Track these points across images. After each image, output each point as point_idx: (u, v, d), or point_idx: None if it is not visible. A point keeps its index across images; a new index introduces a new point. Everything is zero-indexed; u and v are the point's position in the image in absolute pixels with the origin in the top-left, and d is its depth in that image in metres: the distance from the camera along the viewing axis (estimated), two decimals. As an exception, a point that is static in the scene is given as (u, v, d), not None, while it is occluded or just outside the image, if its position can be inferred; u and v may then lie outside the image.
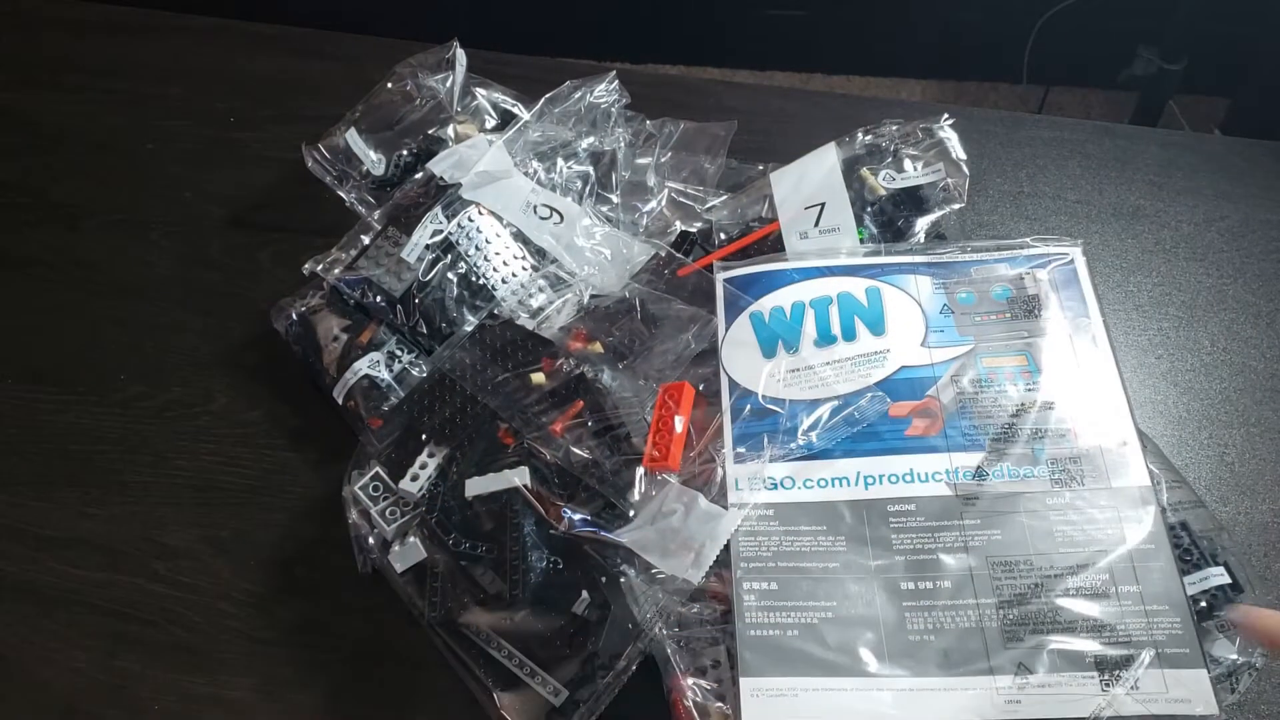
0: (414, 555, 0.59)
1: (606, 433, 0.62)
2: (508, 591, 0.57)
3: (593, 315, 0.69)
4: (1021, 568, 0.54)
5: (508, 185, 0.76)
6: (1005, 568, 0.55)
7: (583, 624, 0.56)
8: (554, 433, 0.61)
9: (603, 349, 0.67)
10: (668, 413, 0.62)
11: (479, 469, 0.61)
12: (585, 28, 1.87)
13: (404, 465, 0.62)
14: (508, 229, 0.74)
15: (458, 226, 0.72)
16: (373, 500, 0.61)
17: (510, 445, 0.61)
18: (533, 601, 0.57)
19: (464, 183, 0.75)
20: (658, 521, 0.57)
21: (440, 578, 0.58)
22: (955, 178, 0.74)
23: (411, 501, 0.61)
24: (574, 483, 0.59)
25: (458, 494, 0.60)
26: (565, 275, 0.72)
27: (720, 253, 0.73)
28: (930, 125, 0.77)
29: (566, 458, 0.60)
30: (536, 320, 0.69)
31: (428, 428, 0.63)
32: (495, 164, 0.77)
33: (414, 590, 0.59)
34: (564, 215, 0.75)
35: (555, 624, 0.56)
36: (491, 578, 0.58)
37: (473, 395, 0.63)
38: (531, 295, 0.70)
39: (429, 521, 0.60)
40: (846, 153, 0.77)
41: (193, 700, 0.60)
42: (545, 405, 0.63)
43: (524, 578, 0.57)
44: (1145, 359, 0.75)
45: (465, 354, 0.66)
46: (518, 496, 0.59)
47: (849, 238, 0.71)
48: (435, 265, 0.71)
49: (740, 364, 0.65)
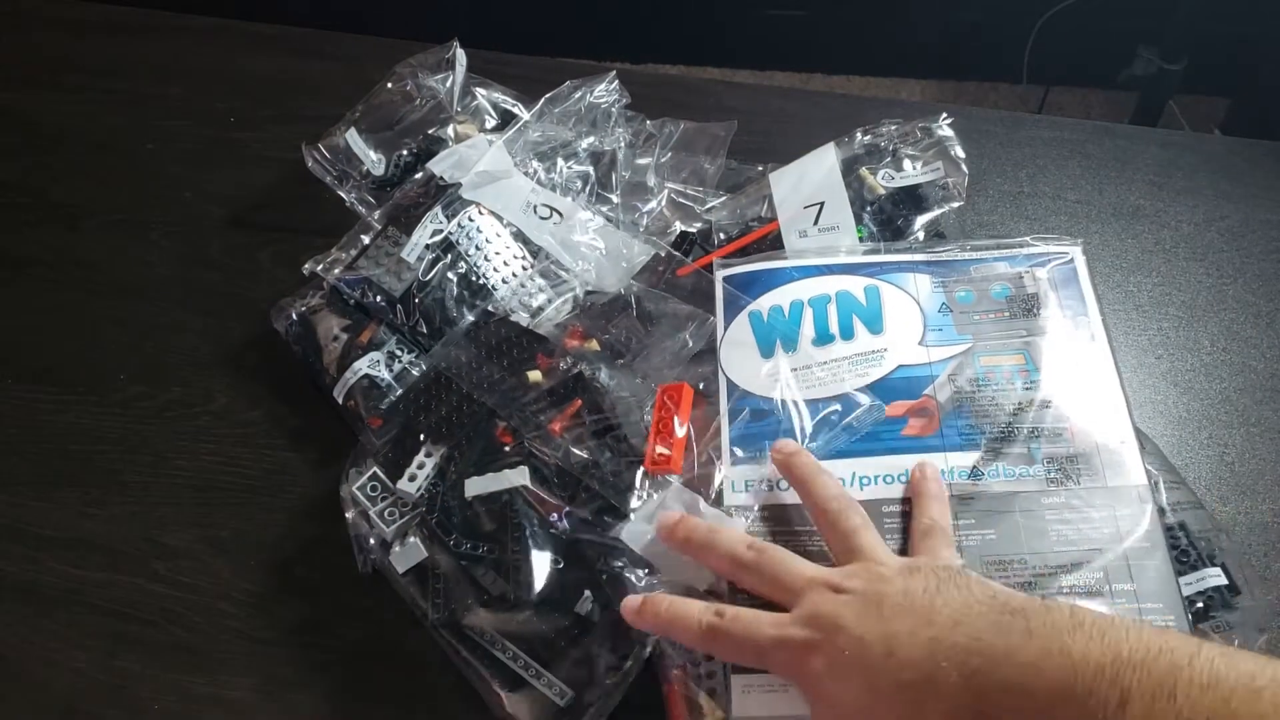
0: (415, 555, 0.59)
1: (606, 433, 0.62)
2: (511, 592, 0.57)
3: (589, 312, 0.69)
4: (1015, 566, 0.54)
5: (508, 185, 0.76)
6: (999, 566, 0.54)
7: (586, 624, 0.56)
8: (553, 432, 0.61)
9: (599, 347, 0.66)
10: (667, 414, 0.62)
11: (478, 468, 0.61)
12: (585, 28, 1.88)
13: (401, 465, 0.62)
14: (508, 229, 0.74)
15: (458, 226, 0.72)
16: (371, 500, 0.61)
17: (508, 444, 0.61)
18: (536, 602, 0.57)
19: (464, 183, 0.75)
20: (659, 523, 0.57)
21: (442, 578, 0.58)
22: (954, 176, 0.74)
23: (410, 501, 0.61)
24: (574, 483, 0.59)
25: (457, 494, 0.60)
26: (562, 272, 0.72)
27: (720, 252, 0.73)
28: (929, 124, 0.77)
29: (566, 458, 0.60)
30: (535, 319, 0.69)
31: (424, 426, 0.63)
32: (495, 164, 0.77)
33: (416, 591, 0.59)
34: (564, 214, 0.75)
35: (559, 624, 0.56)
36: (493, 578, 0.58)
37: (469, 393, 0.63)
38: (532, 295, 0.70)
39: (429, 522, 0.60)
40: (845, 153, 0.77)
41: (193, 700, 0.60)
42: (543, 404, 0.63)
43: (527, 578, 0.57)
44: (1145, 359, 0.75)
45: (461, 351, 0.66)
46: (518, 497, 0.59)
47: (848, 236, 0.72)
48: (435, 265, 0.71)
49: (738, 364, 0.65)
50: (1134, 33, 1.65)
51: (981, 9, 1.74)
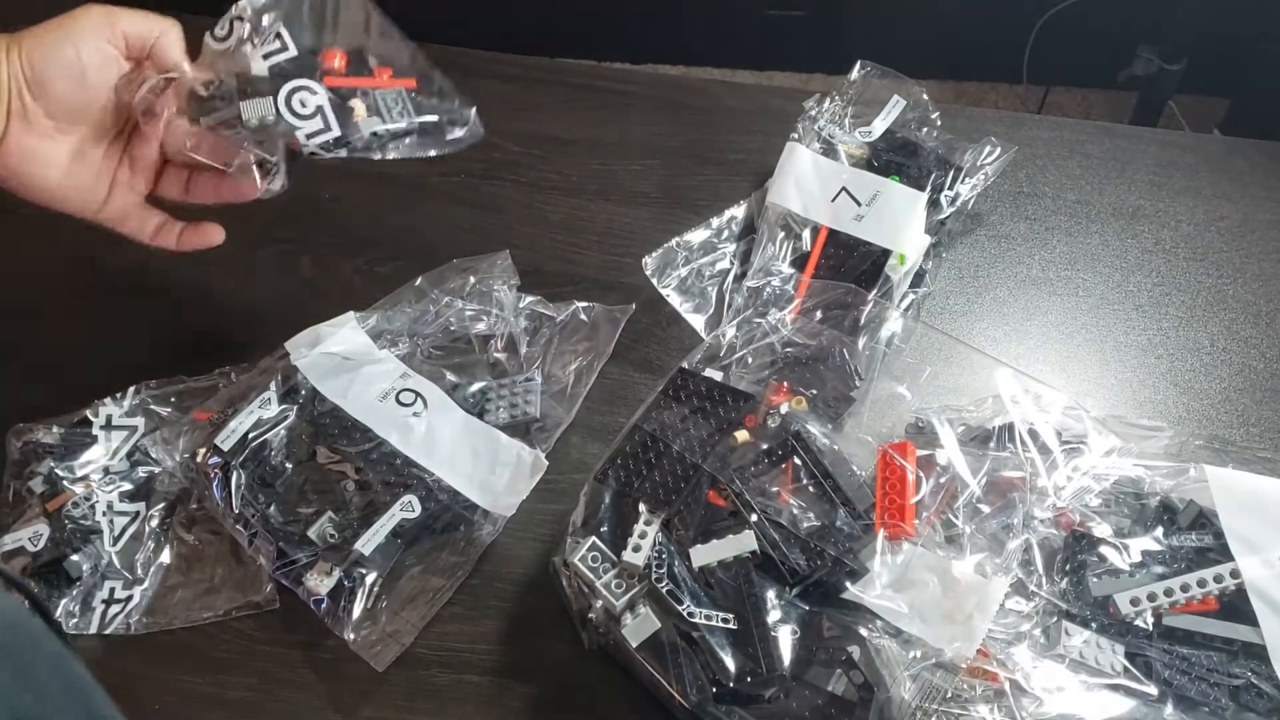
0: (648, 627, 0.56)
1: (829, 495, 0.60)
2: (762, 667, 0.54)
3: (790, 365, 0.67)
4: None
5: (366, 371, 0.69)
6: None
7: (846, 705, 0.53)
8: (780, 499, 0.60)
9: (808, 404, 0.64)
10: (894, 475, 0.60)
11: (701, 535, 0.58)
12: (585, 28, 1.87)
13: (621, 534, 0.59)
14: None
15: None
16: (594, 572, 0.57)
17: (724, 507, 0.59)
18: (787, 677, 0.54)
19: (301, 365, 0.68)
20: (906, 591, 0.56)
21: (680, 652, 0.55)
22: (914, 100, 0.80)
23: (635, 573, 0.58)
24: (807, 548, 0.57)
25: (684, 562, 0.57)
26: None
27: (807, 271, 0.74)
28: (853, 79, 0.83)
29: (794, 523, 0.58)
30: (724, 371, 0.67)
31: (641, 493, 0.60)
32: (350, 345, 0.70)
33: (654, 666, 0.55)
34: (429, 403, 0.68)
35: (813, 702, 0.53)
36: (732, 652, 0.55)
37: (680, 455, 0.60)
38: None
39: (658, 591, 0.56)
40: (809, 141, 0.78)
41: (193, 700, 0.60)
42: (761, 466, 0.61)
43: (774, 651, 0.54)
44: (1145, 359, 0.75)
45: (664, 412, 0.63)
46: (750, 564, 0.57)
47: (893, 189, 0.76)
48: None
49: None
50: (1134, 33, 1.65)
51: (981, 9, 1.74)
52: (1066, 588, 0.59)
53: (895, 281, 0.73)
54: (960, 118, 0.87)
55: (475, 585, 0.64)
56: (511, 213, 0.84)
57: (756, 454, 0.62)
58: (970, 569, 0.57)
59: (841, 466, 0.61)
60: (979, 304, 0.78)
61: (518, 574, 0.65)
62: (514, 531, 0.66)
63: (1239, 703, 0.54)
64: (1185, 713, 0.54)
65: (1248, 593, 0.56)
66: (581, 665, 0.61)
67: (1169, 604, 0.57)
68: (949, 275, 0.79)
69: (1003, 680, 0.55)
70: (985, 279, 0.79)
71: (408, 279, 0.75)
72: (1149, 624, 0.57)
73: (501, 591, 0.64)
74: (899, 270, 0.73)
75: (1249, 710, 0.54)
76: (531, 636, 0.63)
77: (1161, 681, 0.55)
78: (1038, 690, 0.54)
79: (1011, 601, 0.58)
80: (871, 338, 0.69)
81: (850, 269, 0.74)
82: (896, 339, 0.70)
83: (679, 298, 0.75)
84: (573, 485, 0.67)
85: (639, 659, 0.56)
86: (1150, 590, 0.57)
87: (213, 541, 0.65)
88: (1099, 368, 0.74)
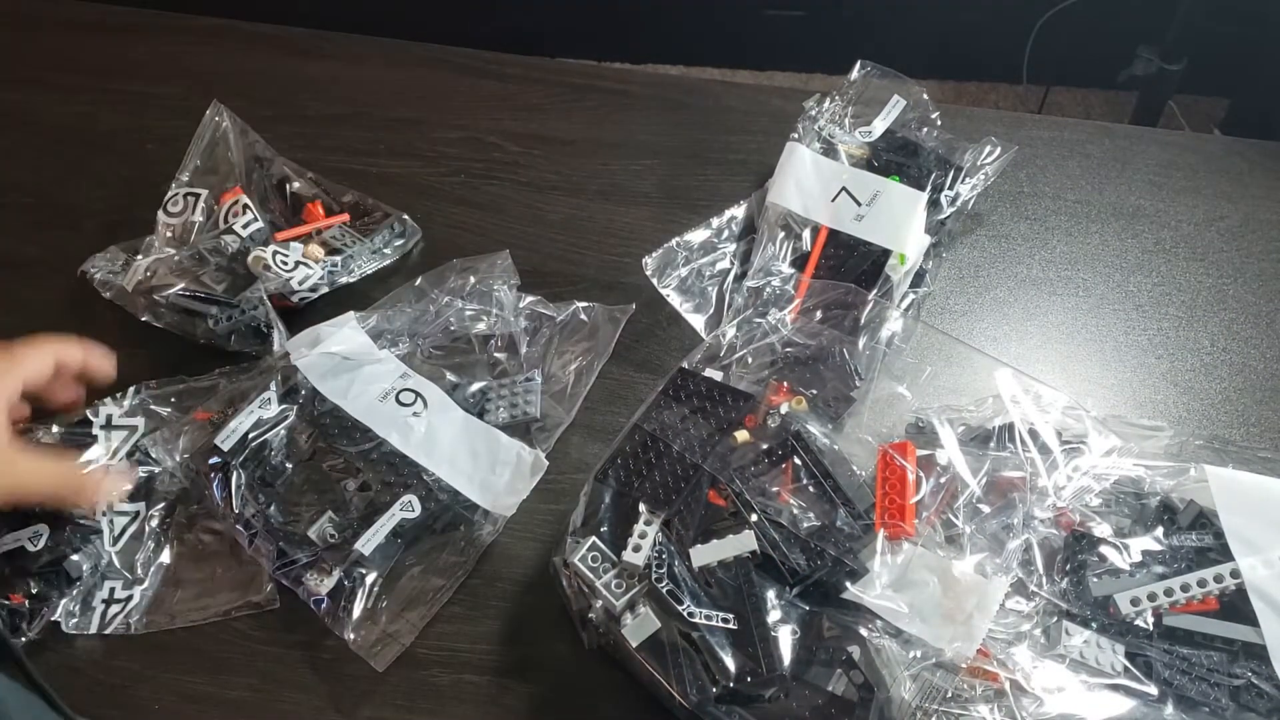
0: (648, 627, 0.56)
1: (829, 495, 0.60)
2: (762, 667, 0.54)
3: (790, 365, 0.67)
4: None
5: (366, 371, 0.69)
6: None
7: (845, 705, 0.53)
8: (780, 499, 0.60)
9: (808, 404, 0.64)
10: (894, 475, 0.60)
11: (701, 535, 0.58)
12: (585, 28, 1.88)
13: (621, 534, 0.59)
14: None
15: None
16: (594, 572, 0.58)
17: (724, 507, 0.59)
18: (787, 677, 0.54)
19: (302, 365, 0.68)
20: (906, 591, 0.56)
21: (680, 652, 0.55)
22: (914, 100, 0.79)
23: (635, 573, 0.58)
24: (807, 548, 0.58)
25: (684, 562, 0.58)
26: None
27: (807, 271, 0.74)
28: (853, 79, 0.82)
29: (794, 523, 0.59)
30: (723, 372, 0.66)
31: (641, 493, 0.60)
32: (350, 345, 0.69)
33: (654, 665, 0.55)
34: (429, 402, 0.68)
35: (813, 702, 0.53)
36: (733, 652, 0.55)
37: (680, 455, 0.61)
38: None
39: (659, 592, 0.56)
40: (809, 141, 0.78)
41: (193, 700, 0.60)
42: (761, 466, 0.61)
43: (774, 651, 0.54)
44: (1145, 359, 0.75)
45: (665, 412, 0.63)
46: (750, 564, 0.57)
47: (893, 189, 0.76)
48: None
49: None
50: (1134, 33, 1.65)
51: (981, 9, 1.74)
52: (1067, 588, 0.59)
53: (895, 281, 0.73)
54: (960, 118, 0.87)
55: (475, 585, 0.64)
56: (511, 213, 0.84)
57: (756, 454, 0.62)
58: (970, 569, 0.57)
59: (841, 466, 0.61)
60: (979, 304, 0.78)
61: (518, 574, 0.65)
62: (514, 531, 0.66)
63: (1239, 703, 0.55)
64: (1185, 713, 0.54)
65: (1248, 593, 0.56)
66: (581, 665, 0.61)
67: (1169, 604, 0.57)
68: (949, 275, 0.79)
69: (1003, 680, 0.55)
70: (985, 279, 0.80)
71: (407, 279, 0.75)
72: (1149, 624, 0.57)
73: (501, 591, 0.64)
74: (899, 270, 0.73)
75: (1249, 710, 0.54)
76: (531, 636, 0.63)
77: (1162, 681, 0.55)
78: (1038, 690, 0.54)
79: (1011, 601, 0.58)
80: (871, 338, 0.69)
81: (850, 269, 0.74)
82: (896, 339, 0.71)
83: (679, 298, 0.75)
84: (573, 485, 0.67)
85: (639, 659, 0.56)
86: (1150, 590, 0.57)
87: (213, 541, 0.65)
88: (1099, 368, 0.74)
